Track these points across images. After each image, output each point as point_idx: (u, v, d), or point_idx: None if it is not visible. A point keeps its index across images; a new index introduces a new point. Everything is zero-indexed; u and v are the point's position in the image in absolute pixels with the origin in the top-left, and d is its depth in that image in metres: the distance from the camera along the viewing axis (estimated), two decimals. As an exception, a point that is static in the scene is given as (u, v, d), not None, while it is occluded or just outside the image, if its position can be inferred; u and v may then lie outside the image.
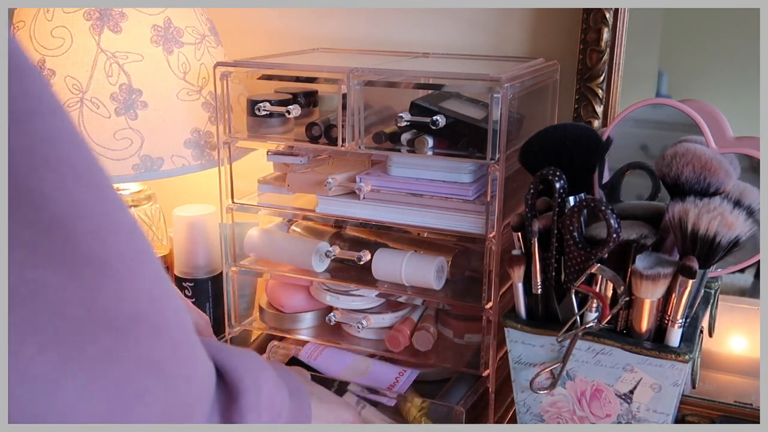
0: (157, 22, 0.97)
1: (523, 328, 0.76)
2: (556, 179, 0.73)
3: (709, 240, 0.67)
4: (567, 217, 0.72)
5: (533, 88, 0.87)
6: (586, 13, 0.92)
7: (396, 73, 0.84)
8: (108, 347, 0.36)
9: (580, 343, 0.73)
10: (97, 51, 0.94)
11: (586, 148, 0.76)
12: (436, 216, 0.85)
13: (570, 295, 0.73)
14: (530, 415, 0.79)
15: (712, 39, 0.91)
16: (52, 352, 0.33)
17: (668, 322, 0.70)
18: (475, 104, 0.83)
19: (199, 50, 1.00)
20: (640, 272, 0.68)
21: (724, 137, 0.81)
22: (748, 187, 0.70)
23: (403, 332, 0.90)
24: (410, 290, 0.88)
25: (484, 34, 1.03)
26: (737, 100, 0.89)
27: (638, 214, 0.75)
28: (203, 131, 1.00)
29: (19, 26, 0.98)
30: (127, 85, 0.95)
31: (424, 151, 0.83)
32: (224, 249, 0.97)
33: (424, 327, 0.91)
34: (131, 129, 0.95)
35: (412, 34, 1.06)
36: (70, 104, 0.94)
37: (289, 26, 1.13)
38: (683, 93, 0.91)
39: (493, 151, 0.79)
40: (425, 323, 0.92)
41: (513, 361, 0.78)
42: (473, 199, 0.83)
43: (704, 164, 0.69)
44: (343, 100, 0.84)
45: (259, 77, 0.90)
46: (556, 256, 0.74)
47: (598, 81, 0.92)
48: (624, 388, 0.72)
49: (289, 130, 0.92)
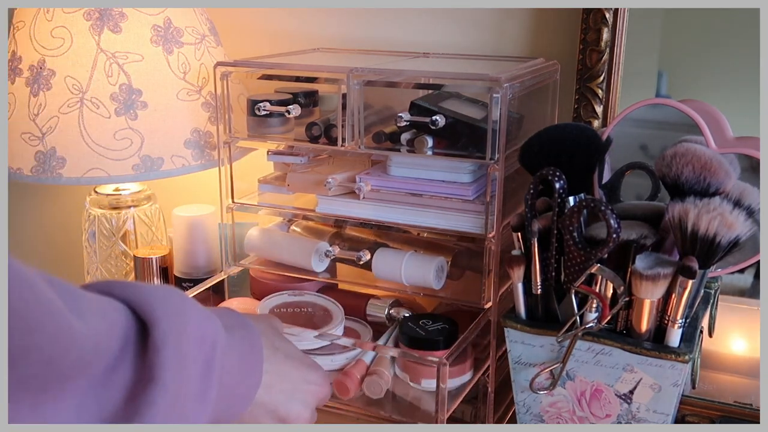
0: (157, 22, 0.97)
1: (523, 328, 0.76)
2: (556, 179, 0.73)
3: (709, 240, 0.66)
4: (567, 217, 0.72)
5: (533, 88, 0.87)
6: (586, 13, 0.92)
7: (396, 73, 0.84)
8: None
9: (580, 343, 0.73)
10: (97, 51, 0.94)
11: (586, 148, 0.76)
12: (436, 216, 0.85)
13: (570, 295, 0.73)
14: (530, 415, 0.79)
15: (712, 39, 0.91)
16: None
17: (668, 322, 0.70)
18: (474, 104, 0.83)
19: (199, 50, 1.00)
20: (640, 272, 0.68)
21: (724, 137, 0.81)
22: (748, 187, 0.70)
23: (352, 377, 0.81)
24: (410, 290, 0.88)
25: (484, 34, 1.03)
26: (737, 100, 0.89)
27: (638, 214, 0.75)
28: (203, 131, 1.00)
29: (19, 26, 0.98)
30: (127, 85, 0.95)
31: (424, 150, 0.83)
32: (224, 249, 0.97)
33: (377, 371, 0.81)
34: (131, 129, 0.95)
35: (412, 34, 1.07)
36: (70, 104, 0.94)
37: (289, 26, 1.13)
38: (683, 93, 0.91)
39: (492, 151, 0.79)
40: (378, 367, 0.82)
41: (513, 361, 0.78)
42: (473, 199, 0.83)
43: (704, 164, 0.69)
44: (343, 100, 0.84)
45: (259, 77, 0.91)
46: (556, 256, 0.74)
47: (598, 81, 0.92)
48: (624, 389, 0.72)
49: (289, 130, 0.92)
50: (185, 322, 0.46)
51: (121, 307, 0.45)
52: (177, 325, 0.45)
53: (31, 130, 0.95)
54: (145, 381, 0.43)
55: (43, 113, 0.94)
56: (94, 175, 0.95)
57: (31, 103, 0.95)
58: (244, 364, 0.54)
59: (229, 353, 0.51)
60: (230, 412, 0.54)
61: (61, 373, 0.40)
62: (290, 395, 0.61)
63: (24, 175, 0.97)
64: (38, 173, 0.96)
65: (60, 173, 0.95)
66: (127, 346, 0.44)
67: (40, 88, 0.95)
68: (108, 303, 0.44)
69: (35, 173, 0.96)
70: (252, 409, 0.57)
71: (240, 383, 0.54)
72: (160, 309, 0.45)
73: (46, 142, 0.95)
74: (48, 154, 0.95)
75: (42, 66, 0.94)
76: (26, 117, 0.96)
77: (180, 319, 0.46)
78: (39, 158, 0.95)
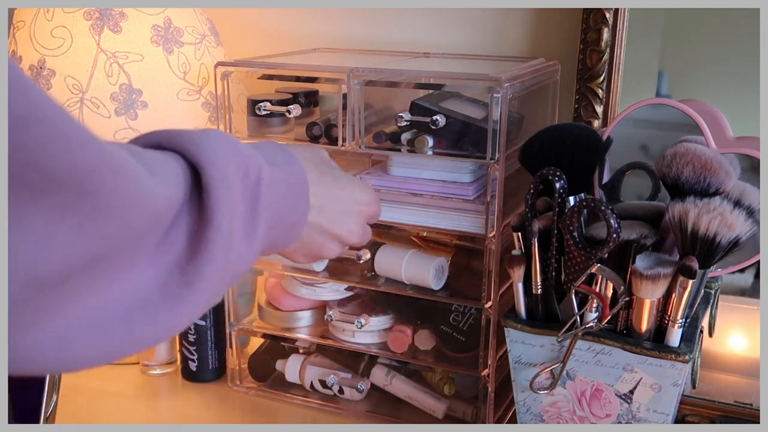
0: (157, 22, 0.97)
1: (523, 328, 0.76)
2: (556, 179, 0.73)
3: (709, 240, 0.67)
4: (567, 217, 0.72)
5: (533, 88, 0.87)
6: (586, 13, 0.92)
7: (396, 73, 0.84)
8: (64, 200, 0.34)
9: (580, 343, 0.73)
10: (97, 51, 0.94)
11: (586, 148, 0.76)
12: (436, 216, 0.85)
13: (570, 295, 0.73)
14: (530, 415, 0.79)
15: (712, 39, 0.91)
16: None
17: (668, 322, 0.70)
18: (475, 104, 0.83)
19: (199, 50, 1.00)
20: (640, 272, 0.68)
21: (724, 137, 0.81)
22: (748, 187, 0.70)
23: (405, 332, 0.90)
24: (410, 289, 0.88)
25: (484, 34, 1.03)
26: (737, 100, 0.89)
27: (638, 214, 0.75)
28: (203, 131, 1.00)
29: (19, 26, 0.98)
30: (127, 85, 0.95)
31: (425, 150, 0.83)
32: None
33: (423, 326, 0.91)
34: (131, 129, 0.95)
35: (412, 34, 1.07)
36: (70, 104, 0.94)
37: (289, 26, 1.13)
38: (683, 93, 0.91)
39: (493, 150, 0.79)
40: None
41: (513, 361, 0.78)
42: (473, 199, 0.83)
43: (704, 164, 0.69)
44: (344, 100, 0.84)
45: (259, 77, 0.90)
46: (556, 256, 0.74)
47: (598, 81, 0.92)
48: (624, 388, 0.73)
49: (290, 129, 0.92)
50: (229, 162, 0.48)
51: (175, 157, 0.46)
52: (223, 167, 0.47)
53: (31, 129, 0.95)
54: (202, 222, 0.45)
55: (44, 113, 0.94)
56: (94, 174, 0.95)
57: (32, 102, 0.95)
58: (291, 193, 0.57)
59: (274, 185, 0.53)
60: (287, 237, 0.58)
61: (140, 235, 0.41)
62: (341, 214, 0.64)
63: (24, 175, 0.97)
64: (38, 173, 0.96)
65: (60, 173, 0.95)
66: (186, 194, 0.45)
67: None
68: (164, 156, 0.46)
69: (35, 173, 0.96)
70: (307, 230, 0.60)
71: (289, 211, 0.57)
72: (206, 153, 0.46)
73: (47, 142, 0.95)
74: (48, 154, 0.95)
75: (42, 66, 0.94)
76: (26, 117, 0.96)
77: (225, 160, 0.47)
78: (39, 158, 0.95)
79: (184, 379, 1.02)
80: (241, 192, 0.49)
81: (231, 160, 0.48)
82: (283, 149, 0.59)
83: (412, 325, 0.91)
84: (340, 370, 0.95)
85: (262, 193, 0.51)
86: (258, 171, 0.51)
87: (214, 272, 0.45)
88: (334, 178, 0.64)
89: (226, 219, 0.46)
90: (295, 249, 0.63)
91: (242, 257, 0.49)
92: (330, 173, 0.65)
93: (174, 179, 0.45)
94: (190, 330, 0.99)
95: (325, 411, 0.95)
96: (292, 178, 0.57)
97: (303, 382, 0.96)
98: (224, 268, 0.46)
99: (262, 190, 0.51)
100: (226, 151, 0.48)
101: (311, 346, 0.97)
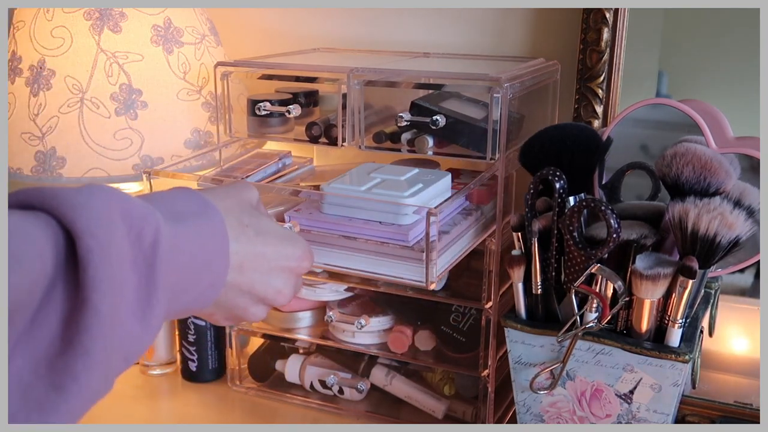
0: (157, 22, 0.97)
1: (523, 328, 0.76)
2: (556, 179, 0.73)
3: (709, 240, 0.67)
4: (567, 217, 0.72)
5: (533, 88, 0.87)
6: (586, 13, 0.92)
7: (396, 73, 0.84)
8: None
9: (580, 343, 0.73)
10: (97, 51, 0.94)
11: (586, 148, 0.76)
12: (372, 262, 0.76)
13: (570, 295, 0.73)
14: (530, 415, 0.79)
15: (712, 39, 0.91)
16: None
17: (668, 322, 0.70)
18: (475, 104, 0.83)
19: (199, 50, 1.00)
20: (640, 272, 0.68)
21: (724, 137, 0.81)
22: (748, 187, 0.70)
23: (405, 332, 0.90)
24: (410, 290, 0.88)
25: (484, 34, 1.03)
26: (737, 100, 0.89)
27: (638, 214, 0.75)
28: (203, 131, 1.00)
29: (19, 26, 0.98)
30: (127, 85, 0.94)
31: (425, 150, 0.83)
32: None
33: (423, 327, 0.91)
34: (131, 129, 0.95)
35: (412, 34, 1.06)
36: (70, 104, 0.94)
37: (289, 26, 1.13)
38: (683, 93, 0.91)
39: (493, 150, 0.79)
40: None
41: (513, 361, 0.78)
42: (412, 246, 0.74)
43: (704, 164, 0.69)
44: (344, 100, 0.84)
45: (259, 77, 0.91)
46: (556, 256, 0.74)
47: (598, 81, 0.92)
48: (624, 388, 0.72)
49: (290, 129, 0.92)
50: (113, 227, 0.41)
51: (45, 224, 0.39)
52: (105, 234, 0.40)
53: (31, 130, 0.95)
54: (78, 303, 0.39)
55: (43, 113, 0.94)
56: (94, 175, 0.95)
57: (31, 103, 0.95)
58: (204, 251, 0.49)
59: (178, 245, 0.46)
60: (200, 301, 0.51)
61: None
62: (266, 273, 0.56)
63: (24, 175, 0.97)
64: (38, 173, 0.96)
65: (60, 173, 0.95)
66: (58, 267, 0.39)
67: (40, 88, 0.95)
68: (33, 223, 0.39)
69: (35, 173, 0.96)
70: (226, 292, 0.53)
71: (202, 273, 0.49)
72: (83, 218, 0.39)
73: (46, 142, 0.95)
74: (48, 154, 0.95)
75: (42, 66, 0.94)
76: (26, 117, 0.95)
77: (108, 225, 0.40)
78: (39, 158, 0.95)
79: (184, 379, 1.02)
80: (132, 260, 0.42)
81: (117, 224, 0.41)
82: (197, 197, 0.51)
83: (412, 326, 0.91)
84: (340, 370, 0.95)
85: (159, 258, 0.43)
86: (154, 233, 0.43)
87: (92, 367, 0.39)
88: (256, 233, 0.55)
89: (107, 297, 0.39)
90: (213, 312, 0.55)
91: (135, 337, 0.42)
92: (253, 225, 0.55)
93: (34, 254, 0.37)
94: (190, 330, 0.99)
95: (325, 411, 0.95)
96: (207, 231, 0.49)
97: (303, 383, 0.96)
98: (107, 356, 0.39)
99: (159, 255, 0.43)
100: (111, 214, 0.41)
101: (311, 347, 0.97)
